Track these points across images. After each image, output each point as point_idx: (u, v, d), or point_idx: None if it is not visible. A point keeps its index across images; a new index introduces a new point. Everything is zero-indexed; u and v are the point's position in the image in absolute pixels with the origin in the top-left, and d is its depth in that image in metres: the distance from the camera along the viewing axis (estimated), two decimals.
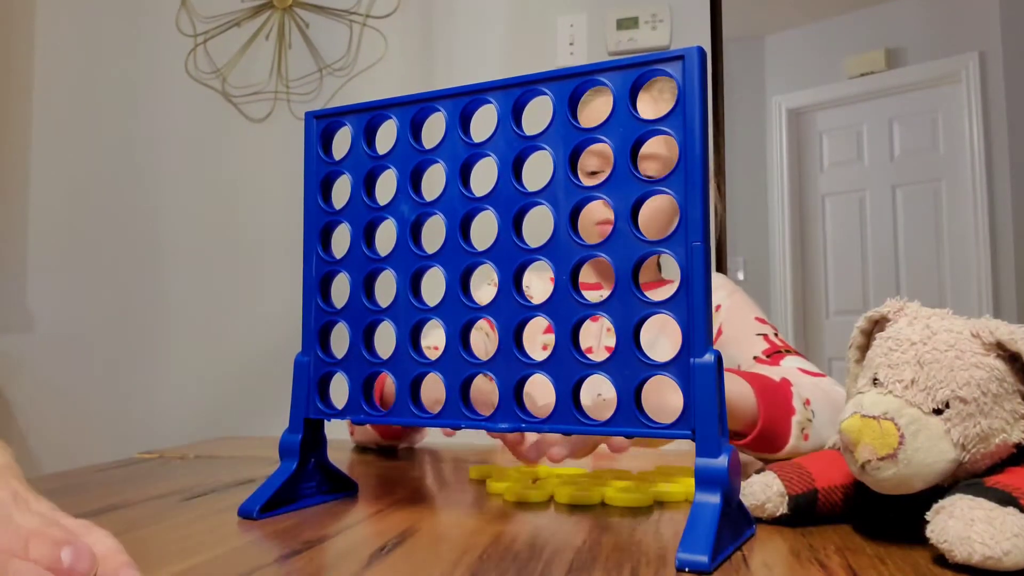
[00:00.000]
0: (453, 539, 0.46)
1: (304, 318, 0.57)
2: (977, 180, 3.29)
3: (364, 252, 0.55)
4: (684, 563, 0.38)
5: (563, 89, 0.49)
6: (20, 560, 0.32)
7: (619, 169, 0.47)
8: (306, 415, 0.56)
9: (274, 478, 0.54)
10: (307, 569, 0.40)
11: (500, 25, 1.88)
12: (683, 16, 1.79)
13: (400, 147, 0.54)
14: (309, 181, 0.57)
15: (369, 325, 0.55)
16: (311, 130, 0.57)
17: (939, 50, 3.39)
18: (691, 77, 0.45)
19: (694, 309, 0.44)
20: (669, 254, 0.45)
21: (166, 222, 2.00)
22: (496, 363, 0.50)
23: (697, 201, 0.44)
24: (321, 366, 0.56)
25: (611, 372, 0.46)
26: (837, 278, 3.77)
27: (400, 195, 0.54)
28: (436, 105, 0.53)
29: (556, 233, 0.48)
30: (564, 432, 0.47)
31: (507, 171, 0.50)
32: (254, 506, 0.51)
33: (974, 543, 0.37)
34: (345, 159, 0.57)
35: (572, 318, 0.47)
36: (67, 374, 1.96)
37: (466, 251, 0.51)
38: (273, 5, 2.00)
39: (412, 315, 0.53)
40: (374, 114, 0.56)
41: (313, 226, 0.57)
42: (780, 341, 0.93)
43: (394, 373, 0.53)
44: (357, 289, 0.55)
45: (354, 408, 0.54)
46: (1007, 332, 0.43)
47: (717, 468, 0.42)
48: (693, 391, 0.43)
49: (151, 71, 2.04)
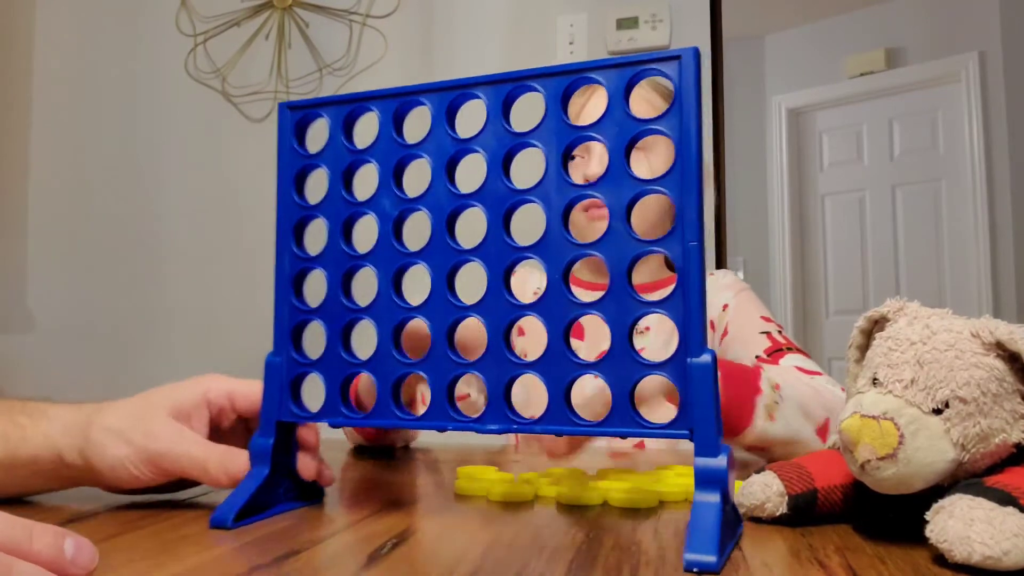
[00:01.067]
0: (452, 539, 0.46)
1: (276, 317, 0.54)
2: (977, 180, 3.30)
3: (343, 248, 0.53)
4: (692, 563, 0.38)
5: (556, 86, 0.48)
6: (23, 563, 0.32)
7: (614, 168, 0.47)
8: (278, 418, 0.53)
9: (247, 484, 0.51)
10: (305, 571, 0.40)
11: (500, 25, 1.89)
12: (683, 16, 1.79)
13: (382, 141, 0.52)
14: (283, 175, 0.55)
15: (347, 324, 0.53)
16: (285, 122, 0.55)
17: (939, 50, 3.39)
18: (687, 77, 0.45)
19: (690, 309, 0.44)
20: (664, 253, 0.45)
21: (166, 222, 2.01)
22: (485, 363, 0.48)
23: (693, 201, 0.44)
24: (294, 367, 0.53)
25: (605, 372, 0.46)
26: (837, 278, 3.77)
27: (382, 190, 0.52)
28: (421, 99, 0.52)
29: (548, 231, 0.48)
30: (556, 433, 0.47)
31: (497, 168, 0.49)
32: (227, 515, 0.48)
33: (974, 543, 0.37)
34: (322, 153, 0.54)
35: (565, 317, 0.47)
36: (67, 374, 1.96)
37: (453, 248, 0.50)
38: (273, 5, 2.00)
39: (395, 314, 0.51)
40: (354, 106, 0.54)
41: (286, 221, 0.54)
42: (783, 339, 0.93)
43: (375, 374, 0.51)
44: (335, 287, 0.53)
45: (331, 410, 0.52)
46: (1007, 332, 0.43)
47: (717, 468, 0.42)
48: (690, 391, 0.43)
49: (151, 71, 2.04)
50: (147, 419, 0.52)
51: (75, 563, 0.34)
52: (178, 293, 1.97)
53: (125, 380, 1.95)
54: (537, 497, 0.58)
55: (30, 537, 0.33)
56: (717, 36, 1.80)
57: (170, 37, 2.03)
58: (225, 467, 0.51)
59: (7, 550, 0.32)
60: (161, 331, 1.97)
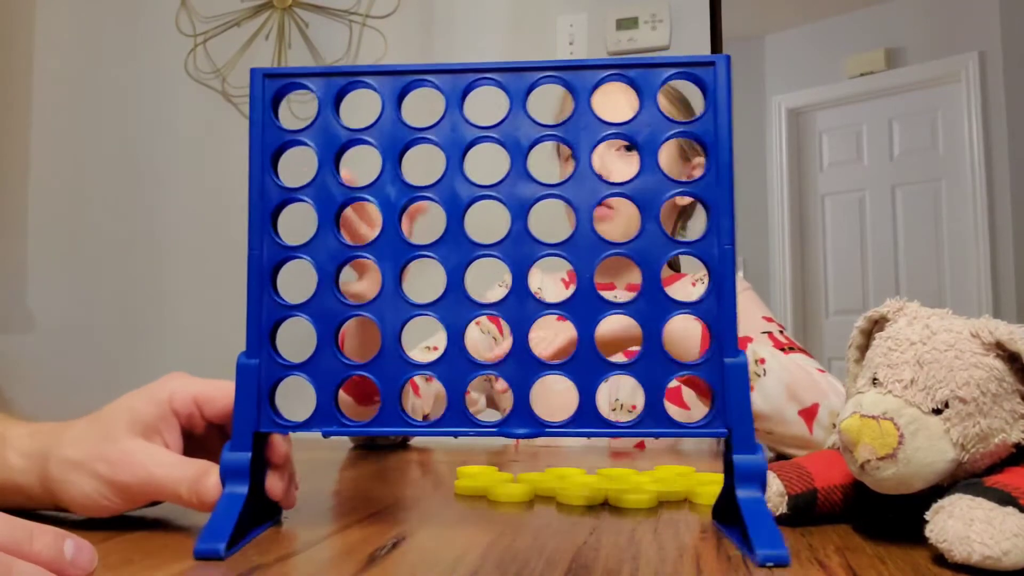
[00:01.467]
0: (452, 539, 0.46)
1: (250, 313, 0.47)
2: (977, 180, 3.30)
3: (336, 238, 0.47)
4: (766, 558, 0.39)
5: (587, 80, 0.47)
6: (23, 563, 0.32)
7: (646, 167, 0.46)
8: (256, 428, 0.46)
9: (227, 508, 0.44)
10: (305, 571, 0.40)
11: (500, 25, 1.89)
12: (683, 16, 1.79)
13: (386, 122, 0.48)
14: (256, 152, 0.49)
15: (342, 323, 0.48)
16: (258, 92, 0.48)
17: (939, 50, 3.39)
18: (721, 83, 0.45)
19: (724, 310, 0.45)
20: (698, 257, 0.46)
21: (166, 222, 2.01)
22: (508, 365, 0.46)
23: (727, 205, 0.45)
24: (275, 370, 0.47)
25: (639, 373, 0.45)
26: (837, 278, 3.77)
27: (385, 176, 0.47)
28: (432, 80, 0.47)
29: (579, 230, 0.46)
30: (587, 436, 0.46)
31: (521, 161, 0.47)
32: (218, 544, 0.41)
33: (973, 543, 0.37)
34: (308, 129, 0.48)
35: (596, 318, 0.46)
36: (67, 374, 1.96)
37: (471, 243, 0.47)
38: (273, 5, 2.00)
39: (402, 312, 0.47)
40: (350, 80, 0.48)
41: (263, 206, 0.48)
42: (785, 339, 0.93)
43: (379, 377, 0.47)
44: (326, 281, 0.47)
45: (324, 418, 0.46)
46: (1006, 332, 0.43)
47: (758, 463, 0.44)
48: (727, 391, 0.44)
49: (151, 71, 2.04)
50: (107, 444, 0.46)
51: (75, 564, 0.34)
52: (178, 293, 1.97)
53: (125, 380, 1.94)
54: (537, 497, 0.58)
55: (30, 537, 0.33)
56: (717, 36, 1.80)
57: (170, 37, 2.03)
58: (197, 492, 0.45)
59: (7, 550, 0.32)
60: (161, 331, 1.96)
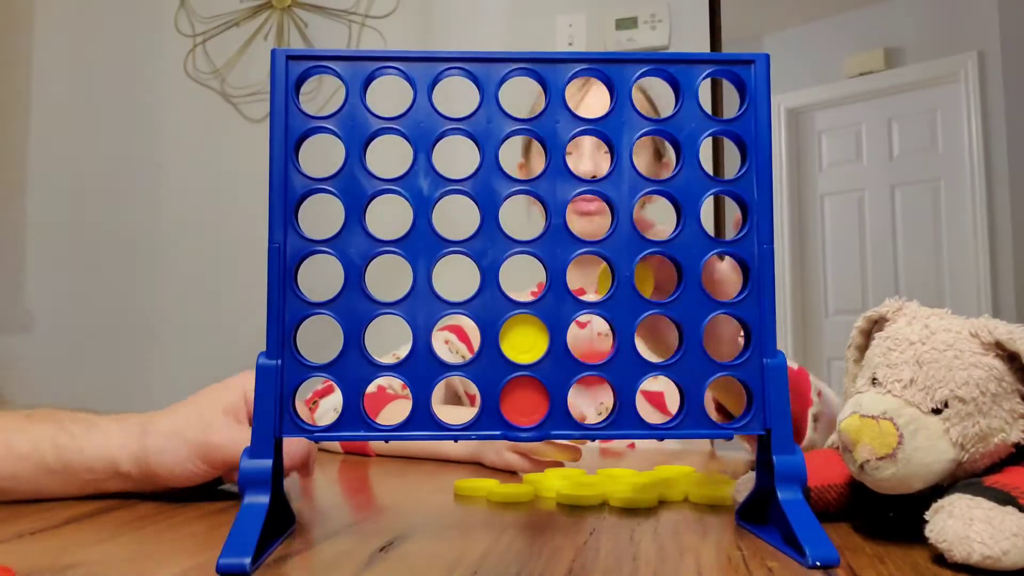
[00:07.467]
0: (452, 540, 0.46)
1: (271, 312, 0.44)
2: (976, 180, 3.29)
3: (366, 233, 0.45)
4: (817, 558, 0.39)
5: (627, 74, 0.46)
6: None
7: (688, 165, 0.46)
8: (278, 434, 0.43)
9: (250, 520, 0.41)
10: (306, 570, 0.40)
11: (499, 24, 1.89)
12: (682, 16, 1.79)
13: (419, 111, 0.46)
14: (278, 139, 0.46)
15: (370, 322, 0.45)
16: (280, 75, 0.46)
17: (938, 49, 3.39)
18: (761, 82, 0.46)
19: (764, 310, 0.45)
20: (739, 255, 0.46)
21: (165, 222, 2.01)
22: (545, 366, 0.45)
23: (766, 203, 0.45)
24: (299, 372, 0.44)
25: (678, 373, 0.45)
26: (836, 278, 3.77)
27: (417, 168, 0.45)
28: (468, 68, 0.46)
29: (619, 228, 0.46)
30: (627, 438, 0.47)
31: (559, 156, 0.46)
32: (243, 559, 0.38)
33: (973, 542, 0.37)
34: (334, 116, 0.46)
35: (635, 318, 0.46)
36: (67, 374, 1.96)
37: (507, 240, 0.45)
38: (272, 5, 2.00)
39: (435, 311, 0.45)
40: (380, 65, 0.46)
41: (286, 197, 0.45)
42: None
43: (409, 380, 0.45)
44: (355, 278, 0.45)
45: (352, 422, 0.44)
46: (1006, 332, 0.43)
47: (797, 463, 0.44)
48: (767, 391, 0.45)
49: (150, 71, 2.04)
50: (204, 416, 0.56)
51: None
52: (177, 293, 1.97)
53: (125, 380, 1.95)
54: (537, 497, 0.58)
55: None
56: (716, 36, 1.80)
57: (169, 37, 2.03)
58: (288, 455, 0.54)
59: None
60: (161, 331, 1.97)
